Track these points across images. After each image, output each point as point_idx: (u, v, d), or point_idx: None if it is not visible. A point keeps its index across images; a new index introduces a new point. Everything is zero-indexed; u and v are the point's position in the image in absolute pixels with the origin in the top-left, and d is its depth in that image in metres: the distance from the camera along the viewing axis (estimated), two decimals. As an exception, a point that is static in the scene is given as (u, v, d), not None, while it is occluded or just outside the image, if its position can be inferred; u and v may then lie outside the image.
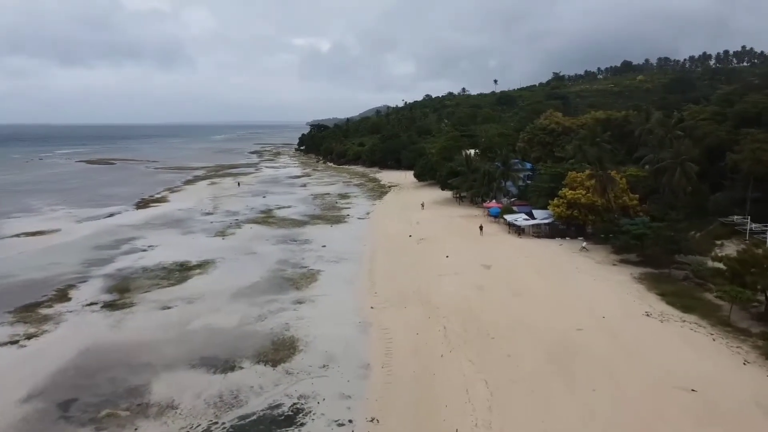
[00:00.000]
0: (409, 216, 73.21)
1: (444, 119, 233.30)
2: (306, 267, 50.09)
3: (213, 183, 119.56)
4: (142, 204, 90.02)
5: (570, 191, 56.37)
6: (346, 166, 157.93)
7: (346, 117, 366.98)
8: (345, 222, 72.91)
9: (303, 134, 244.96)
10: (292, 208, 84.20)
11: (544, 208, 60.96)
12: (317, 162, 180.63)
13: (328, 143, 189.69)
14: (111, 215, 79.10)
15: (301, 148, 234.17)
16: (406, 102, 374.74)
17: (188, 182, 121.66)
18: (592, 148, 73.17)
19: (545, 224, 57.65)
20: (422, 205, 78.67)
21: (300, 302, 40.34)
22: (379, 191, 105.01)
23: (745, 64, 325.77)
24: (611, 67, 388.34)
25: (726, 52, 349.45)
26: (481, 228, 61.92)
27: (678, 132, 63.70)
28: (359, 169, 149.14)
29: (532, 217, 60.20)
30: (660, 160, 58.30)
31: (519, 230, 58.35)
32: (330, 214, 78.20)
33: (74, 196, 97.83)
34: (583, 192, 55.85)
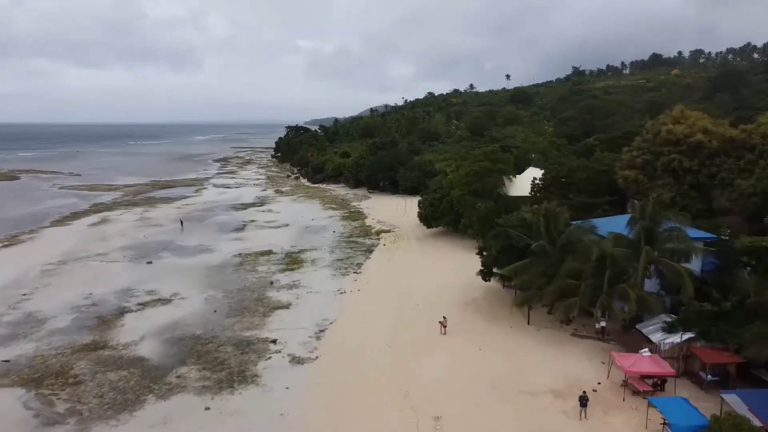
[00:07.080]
0: (414, 365, 29.99)
1: (453, 120, 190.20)
2: None
3: (102, 221, 75.88)
4: None
5: None
6: (324, 186, 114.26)
7: (349, 116, 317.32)
8: (254, 383, 29.47)
9: (280, 138, 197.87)
10: (172, 305, 41.21)
11: None
12: (288, 177, 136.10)
13: (304, 151, 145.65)
14: None
15: (278, 154, 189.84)
16: (406, 100, 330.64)
17: (68, 218, 77.96)
18: None
19: None
20: (443, 326, 34.37)
21: None
22: (361, 244, 61.90)
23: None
24: (638, 61, 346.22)
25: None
26: (583, 411, 23.06)
27: None
28: (340, 191, 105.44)
29: None
30: None
31: None
32: (236, 337, 34.92)
33: None
34: None
